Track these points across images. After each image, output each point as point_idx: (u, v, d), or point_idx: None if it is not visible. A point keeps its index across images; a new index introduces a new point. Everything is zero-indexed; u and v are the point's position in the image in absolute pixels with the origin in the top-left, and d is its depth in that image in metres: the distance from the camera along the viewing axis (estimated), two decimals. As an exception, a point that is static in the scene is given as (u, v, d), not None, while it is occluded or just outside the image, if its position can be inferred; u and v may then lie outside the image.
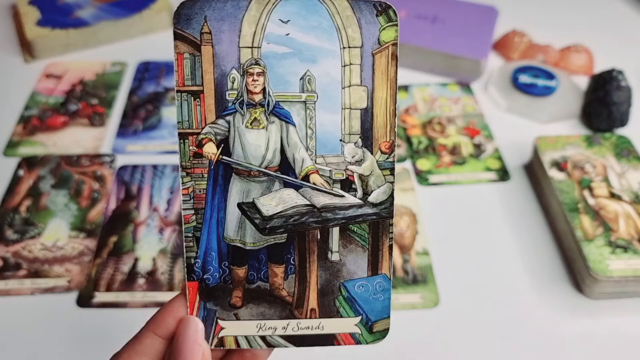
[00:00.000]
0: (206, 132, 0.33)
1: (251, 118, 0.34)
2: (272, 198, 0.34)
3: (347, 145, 0.34)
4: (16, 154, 0.71)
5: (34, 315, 0.56)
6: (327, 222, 0.34)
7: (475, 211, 0.66)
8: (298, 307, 0.35)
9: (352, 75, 0.33)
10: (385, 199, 0.34)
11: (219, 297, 0.35)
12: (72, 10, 0.89)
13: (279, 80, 0.33)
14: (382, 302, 0.35)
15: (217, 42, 0.32)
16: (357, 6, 0.32)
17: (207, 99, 0.33)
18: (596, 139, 0.68)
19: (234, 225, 0.34)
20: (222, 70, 0.33)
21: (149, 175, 0.69)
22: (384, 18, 0.33)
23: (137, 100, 0.79)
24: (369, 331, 0.35)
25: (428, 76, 0.84)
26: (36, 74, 0.83)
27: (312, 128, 0.34)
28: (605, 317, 0.56)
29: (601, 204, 0.61)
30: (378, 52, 0.33)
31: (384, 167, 0.34)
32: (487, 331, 0.55)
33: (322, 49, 0.33)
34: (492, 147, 0.73)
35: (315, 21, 0.32)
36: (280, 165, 0.35)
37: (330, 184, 0.35)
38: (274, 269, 0.35)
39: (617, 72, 0.74)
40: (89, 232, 0.63)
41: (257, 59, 0.33)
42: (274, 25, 0.32)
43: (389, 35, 0.33)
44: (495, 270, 0.60)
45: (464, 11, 0.88)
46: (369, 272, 0.35)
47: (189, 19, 0.32)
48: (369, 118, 0.33)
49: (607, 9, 0.99)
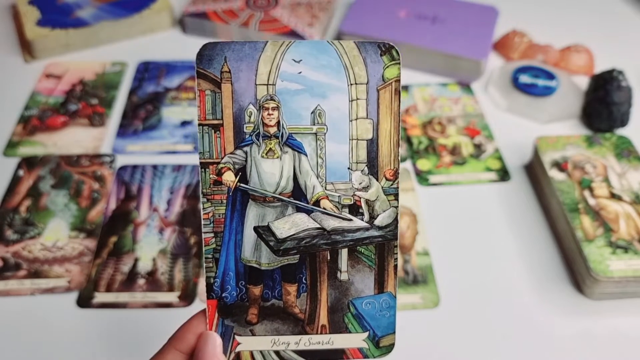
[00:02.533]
0: (225, 161, 0.36)
1: (266, 149, 0.37)
2: (286, 222, 0.37)
3: (355, 173, 0.37)
4: (16, 154, 0.71)
5: (34, 316, 0.56)
6: (337, 244, 0.37)
7: (475, 211, 0.66)
8: (310, 323, 0.37)
9: (359, 109, 0.36)
10: (390, 222, 0.37)
11: (236, 314, 0.37)
12: (72, 10, 0.89)
13: (292, 114, 0.36)
14: (388, 319, 0.37)
15: (236, 80, 0.35)
16: (363, 47, 0.35)
17: (226, 132, 0.36)
18: (596, 139, 0.68)
19: (250, 247, 0.37)
20: (240, 106, 0.36)
21: (149, 175, 0.69)
22: (387, 57, 0.36)
23: (137, 100, 0.79)
24: (375, 346, 0.37)
25: (428, 76, 0.84)
26: (36, 73, 0.83)
27: (322, 157, 0.37)
28: (606, 318, 0.56)
29: (601, 204, 0.61)
30: (382, 88, 0.36)
31: (388, 192, 0.37)
32: (487, 331, 0.55)
33: (331, 85, 0.36)
34: (493, 147, 0.73)
35: (325, 60, 0.35)
36: (293, 192, 0.38)
37: (339, 209, 0.37)
38: (287, 287, 0.38)
39: (617, 72, 0.74)
40: (89, 233, 0.63)
41: (272, 95, 0.36)
42: (288, 64, 0.35)
43: (392, 73, 0.36)
44: (495, 270, 0.60)
45: (464, 11, 0.88)
46: (376, 290, 0.37)
47: (211, 60, 0.35)
48: (375, 148, 0.36)
49: (607, 9, 0.99)
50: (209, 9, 0.89)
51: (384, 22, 0.86)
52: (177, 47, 0.88)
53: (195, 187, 0.68)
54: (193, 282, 0.58)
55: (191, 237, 0.62)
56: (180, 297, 0.57)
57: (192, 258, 0.61)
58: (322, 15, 0.89)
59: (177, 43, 0.89)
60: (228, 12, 0.89)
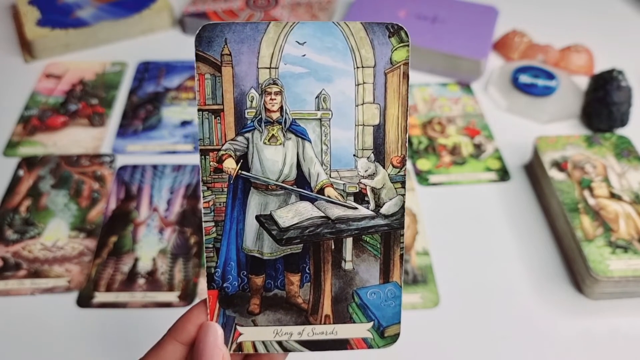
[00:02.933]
0: (226, 148, 0.35)
1: (269, 135, 0.35)
2: (289, 210, 0.36)
3: (360, 160, 0.36)
4: (16, 154, 0.71)
5: (34, 316, 0.56)
6: (341, 232, 0.36)
7: (475, 211, 0.66)
8: (313, 313, 0.37)
9: (365, 94, 0.35)
10: (396, 210, 0.36)
11: (237, 305, 0.36)
12: (72, 10, 0.89)
13: (296, 98, 0.35)
14: (393, 309, 0.36)
15: (237, 63, 0.34)
16: (370, 28, 0.34)
17: (227, 117, 0.35)
18: (596, 139, 0.68)
19: (252, 237, 0.36)
20: (241, 90, 0.35)
21: (149, 175, 0.69)
22: (396, 39, 0.34)
23: (137, 100, 0.79)
24: (380, 336, 0.36)
25: (428, 76, 0.84)
26: (36, 74, 0.83)
27: (327, 144, 0.36)
28: (606, 318, 0.56)
29: (601, 204, 0.61)
30: (390, 72, 0.35)
31: (395, 180, 0.36)
32: (487, 331, 0.55)
33: (336, 69, 0.34)
34: (492, 147, 0.73)
35: (330, 42, 0.34)
36: (297, 180, 0.36)
37: (344, 197, 0.36)
38: (290, 277, 0.37)
39: (617, 72, 0.74)
40: (89, 232, 0.63)
41: (274, 79, 0.34)
42: (291, 46, 0.34)
43: (401, 55, 0.34)
44: (495, 270, 0.60)
45: (464, 11, 0.89)
46: (381, 280, 0.37)
47: (210, 42, 0.34)
48: (381, 134, 0.35)
49: (607, 9, 0.99)
50: (208, 9, 0.89)
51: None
52: (177, 47, 0.88)
53: (195, 187, 0.68)
54: (193, 282, 0.58)
55: (191, 237, 0.63)
56: (180, 296, 0.57)
57: (192, 258, 0.61)
58: (321, 15, 0.89)
59: (177, 43, 0.89)
60: (228, 12, 0.89)
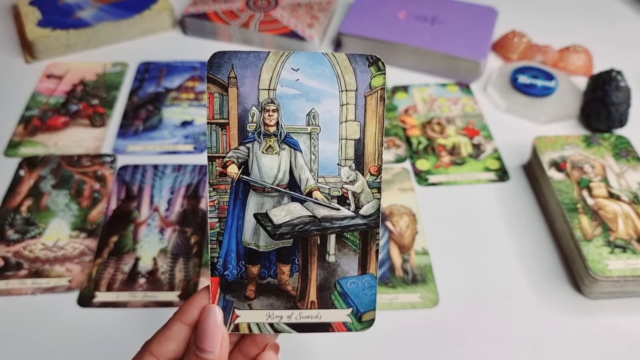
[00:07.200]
0: (230, 156, 0.41)
1: (266, 145, 0.41)
2: (282, 210, 0.42)
3: (343, 168, 0.41)
4: (17, 154, 0.72)
5: (35, 315, 0.56)
6: (326, 230, 0.42)
7: (474, 211, 0.66)
8: (300, 299, 0.42)
9: (348, 113, 0.41)
10: (373, 212, 0.42)
11: (236, 290, 0.42)
12: (73, 11, 0.89)
13: (290, 115, 0.41)
14: (370, 297, 0.42)
15: (241, 84, 0.40)
16: (353, 58, 0.40)
17: (231, 130, 0.41)
18: (595, 139, 0.68)
19: (250, 232, 0.42)
20: (244, 107, 0.41)
21: (150, 175, 0.69)
22: (374, 68, 0.41)
23: (137, 100, 0.79)
24: (358, 320, 0.42)
25: (427, 76, 0.84)
26: (37, 74, 0.83)
27: (315, 154, 0.42)
28: (604, 317, 0.56)
29: (600, 204, 0.61)
30: (369, 95, 0.41)
31: (372, 186, 0.42)
32: (486, 331, 0.55)
33: (324, 91, 0.40)
34: (492, 147, 0.73)
35: (320, 69, 0.40)
36: (289, 184, 0.42)
37: (329, 199, 0.42)
38: (281, 267, 0.42)
39: (616, 72, 0.74)
40: (90, 232, 0.63)
41: (272, 99, 0.41)
42: (287, 72, 0.40)
43: (379, 82, 0.41)
44: (494, 270, 0.60)
45: (463, 12, 0.89)
46: (359, 271, 0.42)
47: (220, 66, 0.40)
48: (361, 147, 0.41)
49: (607, 10, 0.99)
50: (209, 10, 0.89)
51: (384, 23, 0.86)
52: (178, 48, 0.88)
53: (196, 187, 0.68)
54: (194, 282, 0.59)
55: (191, 236, 0.63)
56: (181, 296, 0.57)
57: (192, 257, 0.61)
58: (321, 16, 0.89)
59: (177, 44, 0.89)
60: (228, 13, 0.89)
